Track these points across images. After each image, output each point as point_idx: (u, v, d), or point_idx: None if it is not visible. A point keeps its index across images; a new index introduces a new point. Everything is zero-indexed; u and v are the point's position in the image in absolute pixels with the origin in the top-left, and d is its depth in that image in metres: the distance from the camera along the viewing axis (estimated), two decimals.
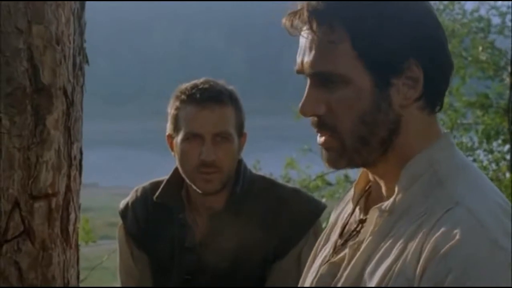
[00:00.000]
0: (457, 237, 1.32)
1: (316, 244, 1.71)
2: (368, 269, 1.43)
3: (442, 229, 1.34)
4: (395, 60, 1.44)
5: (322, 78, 1.47)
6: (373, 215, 1.47)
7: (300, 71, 1.50)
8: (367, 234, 1.48)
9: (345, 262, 1.49)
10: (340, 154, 1.48)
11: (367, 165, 1.53)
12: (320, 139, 1.50)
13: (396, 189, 1.46)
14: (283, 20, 1.51)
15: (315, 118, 1.49)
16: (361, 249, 1.47)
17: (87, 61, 1.88)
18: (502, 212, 1.40)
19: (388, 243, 1.42)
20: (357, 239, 1.50)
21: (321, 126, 1.48)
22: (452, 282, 1.29)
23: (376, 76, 1.44)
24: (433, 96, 1.49)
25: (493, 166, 10.38)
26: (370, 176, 1.57)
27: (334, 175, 10.66)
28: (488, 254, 1.31)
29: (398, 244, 1.40)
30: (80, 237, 7.55)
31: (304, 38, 1.48)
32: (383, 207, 1.46)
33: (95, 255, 8.81)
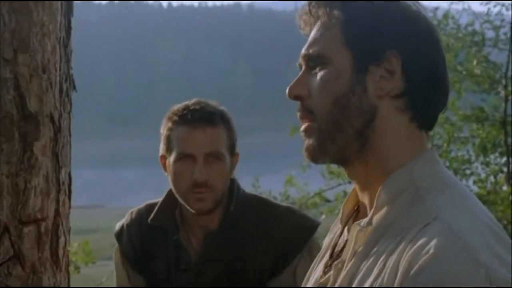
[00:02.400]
0: (432, 250, 1.29)
1: (311, 266, 1.71)
2: None
3: (418, 244, 1.32)
4: (377, 48, 1.48)
5: (309, 60, 1.53)
6: (354, 231, 1.48)
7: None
8: (349, 252, 1.48)
9: (330, 282, 1.50)
10: (317, 141, 1.51)
11: (345, 159, 1.53)
12: (302, 126, 1.54)
13: (375, 203, 1.46)
14: (297, 20, 1.61)
15: (299, 103, 1.54)
16: (344, 268, 1.47)
17: (75, 88, 1.92)
18: (490, 232, 1.36)
19: (370, 261, 1.41)
20: (340, 259, 1.50)
21: (302, 109, 1.53)
22: None
23: (356, 60, 1.49)
24: (421, 107, 1.50)
25: (491, 178, 10.36)
26: (359, 195, 1.57)
27: (332, 192, 10.66)
28: (468, 272, 1.27)
29: (379, 262, 1.39)
30: (80, 258, 7.58)
31: (310, 32, 1.57)
32: (361, 223, 1.46)
33: (100, 276, 8.82)
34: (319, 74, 1.51)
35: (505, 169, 10.39)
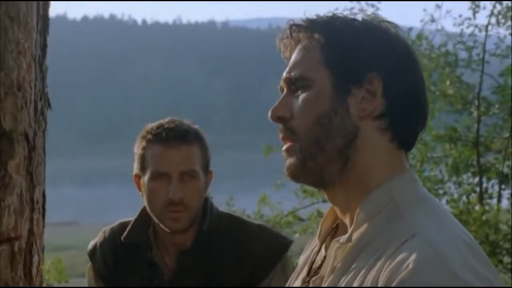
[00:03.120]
0: (411, 265, 1.31)
1: (287, 283, 1.72)
2: None
3: (397, 260, 1.34)
4: (358, 70, 1.51)
5: (291, 83, 1.55)
6: (333, 247, 1.50)
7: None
8: (327, 268, 1.50)
9: None
10: (299, 160, 1.52)
11: (326, 181, 1.54)
12: (284, 146, 1.55)
13: (354, 221, 1.48)
14: (277, 43, 1.63)
15: (281, 125, 1.55)
16: (323, 284, 1.49)
17: (49, 106, 1.91)
18: (466, 246, 1.38)
19: (349, 276, 1.43)
20: (319, 275, 1.53)
21: (284, 130, 1.55)
22: None
23: (336, 81, 1.51)
24: (401, 127, 1.52)
25: (464, 198, 10.42)
26: (341, 217, 1.58)
27: (306, 211, 10.67)
28: (444, 284, 1.29)
29: (359, 277, 1.41)
30: (53, 276, 7.51)
31: (290, 56, 1.59)
32: (341, 240, 1.48)
33: None
34: (301, 96, 1.53)
35: (477, 189, 10.47)
